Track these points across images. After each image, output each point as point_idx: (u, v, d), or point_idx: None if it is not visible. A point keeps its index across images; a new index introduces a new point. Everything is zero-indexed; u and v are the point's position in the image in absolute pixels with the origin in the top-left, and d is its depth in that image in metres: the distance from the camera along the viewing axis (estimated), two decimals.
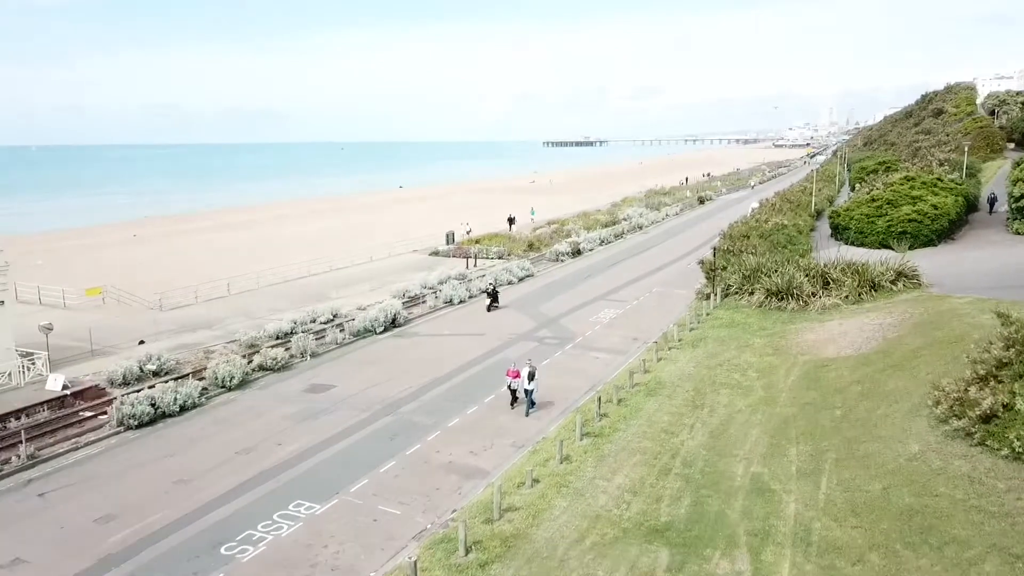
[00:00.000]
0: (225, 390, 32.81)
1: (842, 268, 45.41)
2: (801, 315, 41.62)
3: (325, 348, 39.43)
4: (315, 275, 59.51)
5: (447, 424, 28.58)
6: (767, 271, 46.59)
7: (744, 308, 44.34)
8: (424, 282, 53.33)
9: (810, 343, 35.91)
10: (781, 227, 60.30)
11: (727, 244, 53.87)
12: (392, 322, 43.38)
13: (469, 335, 41.57)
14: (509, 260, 65.49)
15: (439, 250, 69.67)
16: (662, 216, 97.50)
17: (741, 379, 31.66)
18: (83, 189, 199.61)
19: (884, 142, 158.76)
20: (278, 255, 70.27)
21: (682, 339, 38.70)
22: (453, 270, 59.98)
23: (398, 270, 61.18)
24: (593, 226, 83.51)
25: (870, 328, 36.16)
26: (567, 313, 46.26)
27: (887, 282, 43.41)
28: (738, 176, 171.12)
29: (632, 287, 53.93)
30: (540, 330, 42.42)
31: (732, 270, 48.57)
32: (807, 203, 78.28)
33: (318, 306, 45.12)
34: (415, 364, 36.39)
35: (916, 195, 59.95)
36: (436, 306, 48.63)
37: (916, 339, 32.17)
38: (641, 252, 70.88)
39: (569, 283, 56.01)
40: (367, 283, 55.91)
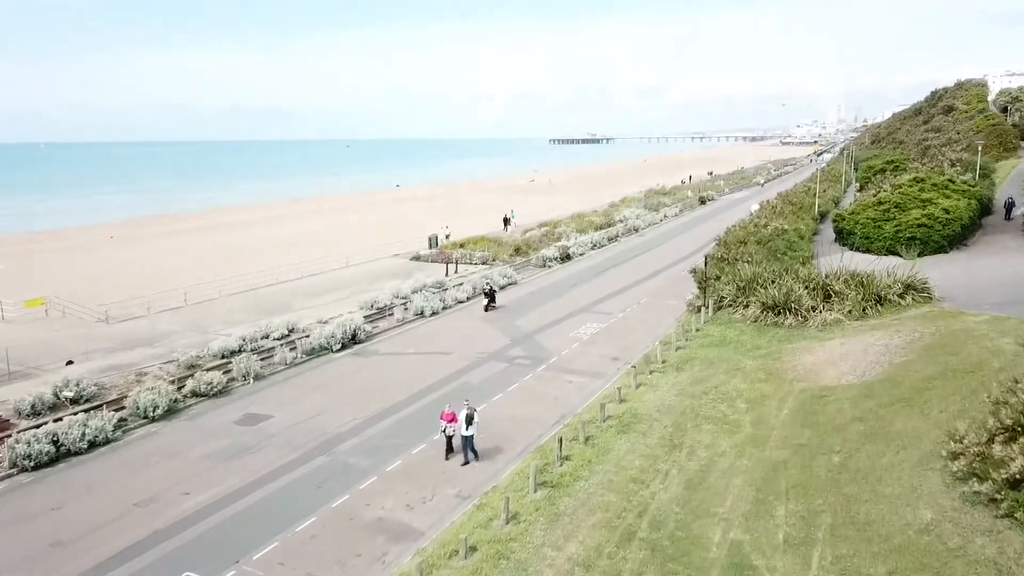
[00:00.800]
0: (148, 421, 29.19)
1: (845, 279, 41.59)
2: (800, 332, 37.82)
3: (273, 369, 35.77)
4: (285, 282, 55.95)
5: (386, 467, 24.88)
6: (764, 282, 42.80)
7: (738, 323, 40.55)
8: (396, 291, 49.68)
9: (808, 367, 32.10)
10: (781, 232, 56.42)
11: (721, 251, 50.04)
12: (352, 338, 39.72)
13: (433, 354, 37.87)
14: (494, 266, 61.83)
15: (421, 255, 66.02)
16: (660, 217, 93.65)
17: (728, 412, 27.87)
18: (77, 188, 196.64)
19: (892, 140, 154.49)
20: (253, 260, 67.01)
21: (666, 360, 34.92)
22: (431, 277, 56.25)
23: (374, 277, 57.52)
24: (587, 228, 79.77)
25: (875, 350, 32.32)
26: (545, 328, 42.51)
27: (894, 296, 39.56)
28: (742, 175, 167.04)
29: (620, 297, 50.15)
30: (513, 348, 38.68)
31: (726, 280, 44.79)
32: (810, 205, 74.35)
33: (274, 320, 41.47)
34: (367, 390, 32.69)
35: (926, 198, 56.01)
36: (405, 319, 44.94)
37: (927, 366, 28.33)
38: (634, 257, 67.07)
39: (553, 292, 52.25)
40: (337, 292, 52.27)
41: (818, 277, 42.01)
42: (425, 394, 31.97)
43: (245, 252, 73.28)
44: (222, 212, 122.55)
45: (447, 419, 24.47)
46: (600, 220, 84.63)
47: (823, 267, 48.18)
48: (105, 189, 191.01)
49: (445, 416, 24.61)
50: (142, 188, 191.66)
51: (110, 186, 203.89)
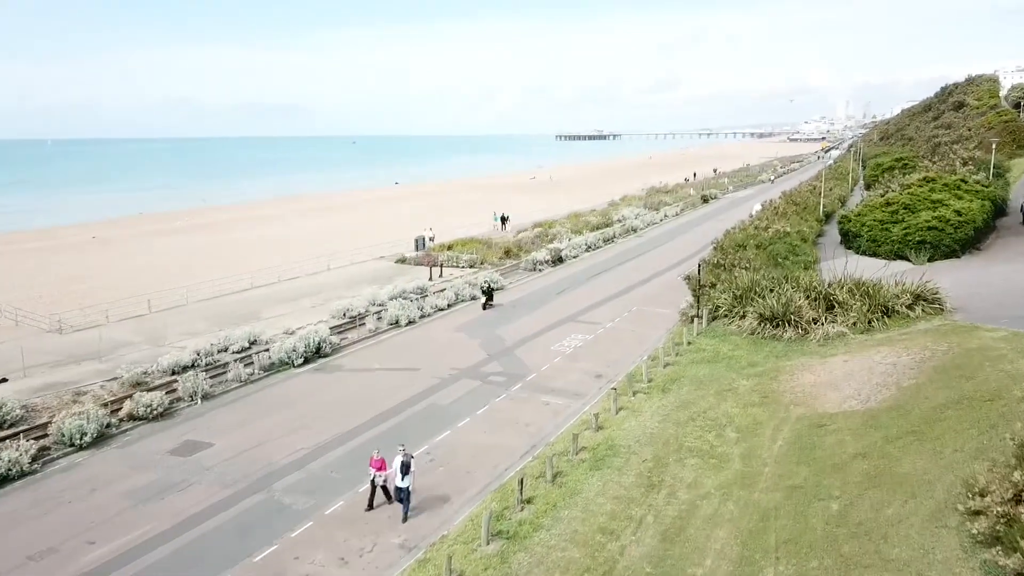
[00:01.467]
0: (74, 450, 26.39)
1: (850, 288, 38.58)
2: (799, 346, 34.86)
3: (226, 387, 32.93)
4: (259, 287, 53.10)
5: (326, 509, 22.01)
6: (762, 291, 39.85)
7: (733, 336, 37.59)
8: (373, 298, 46.85)
9: (807, 388, 29.12)
10: (782, 235, 53.36)
11: (718, 257, 47.00)
12: (317, 351, 36.85)
13: (402, 370, 34.98)
14: (482, 269, 58.92)
15: (406, 257, 63.14)
16: (660, 217, 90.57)
17: (715, 443, 24.92)
18: (71, 185, 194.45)
19: (901, 137, 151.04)
20: (235, 262, 64.33)
21: (652, 379, 31.99)
22: (414, 281, 53.41)
23: (354, 281, 54.66)
24: (583, 229, 76.79)
25: (881, 370, 29.32)
26: (527, 339, 39.60)
27: (902, 307, 36.52)
28: (747, 172, 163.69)
29: (610, 305, 47.20)
30: (489, 363, 35.77)
31: (722, 288, 41.82)
32: (815, 205, 71.15)
33: (235, 331, 38.65)
34: (323, 412, 29.83)
35: (937, 199, 52.92)
36: (378, 329, 42.07)
37: (939, 391, 25.34)
38: (630, 260, 64.08)
39: (539, 299, 49.32)
40: (312, 298, 49.43)
41: (820, 285, 39.02)
42: (385, 419, 29.08)
43: (228, 254, 70.55)
44: (214, 211, 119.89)
45: (376, 466, 21.45)
46: (597, 220, 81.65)
47: (827, 273, 45.21)
48: (100, 186, 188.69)
49: (373, 462, 21.58)
50: (139, 185, 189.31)
51: (106, 183, 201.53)
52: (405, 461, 20.60)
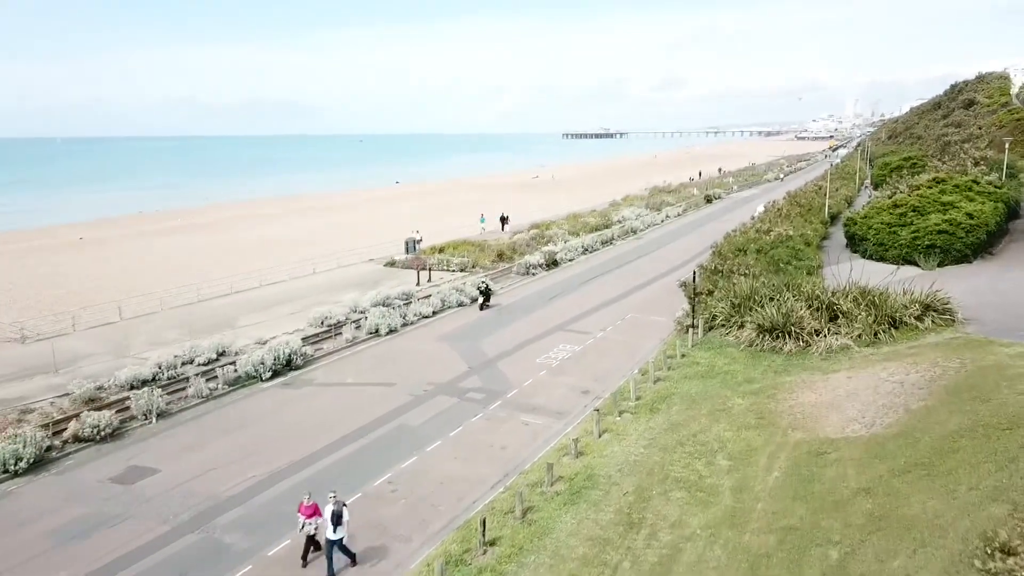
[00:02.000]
0: (8, 476, 24.28)
1: (855, 297, 36.31)
2: (800, 360, 32.58)
3: (186, 404, 30.80)
4: (240, 292, 51.02)
5: (268, 550, 19.87)
6: (761, 299, 37.56)
7: (730, 347, 35.32)
8: (354, 304, 44.71)
9: (807, 409, 26.83)
10: (785, 239, 50.98)
11: (716, 262, 44.65)
12: (287, 364, 34.69)
13: (376, 385, 32.79)
14: (473, 272, 56.76)
15: (396, 260, 60.95)
16: (661, 218, 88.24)
17: (705, 473, 22.67)
18: (71, 184, 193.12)
19: (910, 135, 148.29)
20: (222, 264, 62.65)
21: (641, 397, 29.75)
22: (401, 286, 51.33)
23: (339, 286, 52.52)
24: (581, 230, 74.59)
25: (888, 388, 27.03)
26: (512, 351, 37.37)
27: (911, 317, 34.20)
28: (753, 171, 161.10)
29: (603, 312, 44.95)
30: (469, 377, 33.55)
31: (720, 296, 39.56)
32: (820, 206, 68.67)
33: (203, 342, 36.57)
34: (284, 434, 27.67)
35: (947, 201, 50.50)
36: (356, 339, 39.90)
37: (951, 416, 23.05)
38: (627, 263, 61.79)
39: (530, 305, 47.08)
40: (293, 304, 47.31)
41: (823, 294, 36.69)
42: (350, 441, 26.89)
43: (216, 256, 68.56)
44: (213, 210, 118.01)
45: (307, 513, 19.13)
46: (596, 221, 79.34)
47: (831, 278, 42.92)
48: (103, 185, 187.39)
49: (304, 509, 19.24)
50: (142, 184, 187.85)
51: (110, 181, 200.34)
52: (336, 510, 18.23)
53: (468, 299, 47.57)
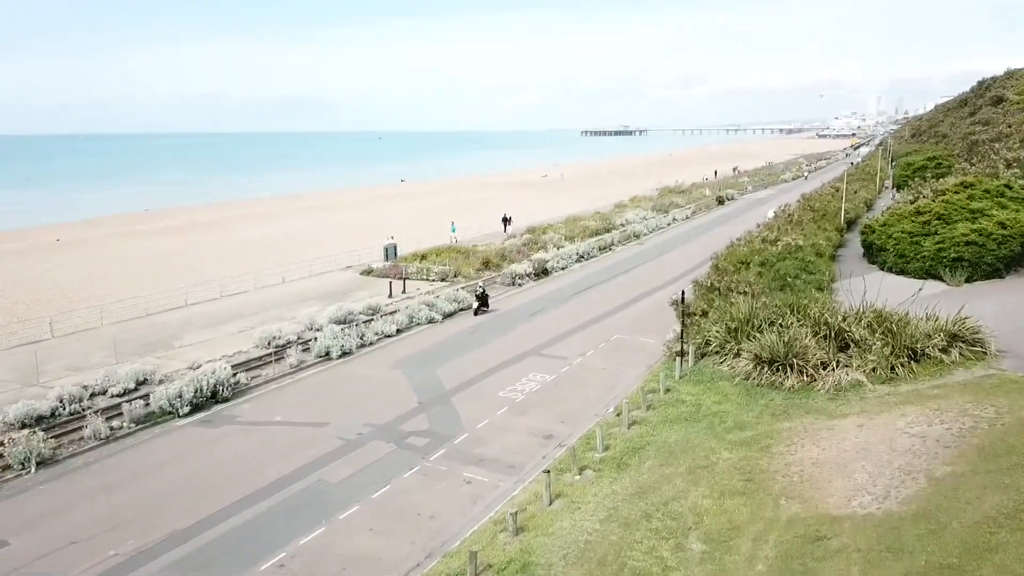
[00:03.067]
0: None
1: (869, 322, 31.32)
2: (803, 399, 27.71)
3: (80, 447, 26.41)
4: (195, 304, 46.75)
5: None
6: (761, 322, 32.67)
7: (723, 380, 30.47)
8: (311, 321, 40.29)
9: (807, 469, 21.99)
10: (793, 250, 45.94)
11: (713, 279, 39.68)
12: (212, 396, 30.18)
13: (306, 425, 28.22)
14: (455, 282, 52.19)
15: (373, 268, 56.45)
16: (668, 221, 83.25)
17: (671, 561, 17.94)
18: (88, 180, 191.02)
19: (934, 134, 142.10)
20: (193, 269, 58.92)
21: (611, 446, 25.02)
22: (372, 298, 46.97)
23: (304, 297, 48.13)
24: (580, 235, 69.83)
25: (906, 444, 22.18)
26: (474, 381, 32.74)
27: (935, 349, 29.17)
28: (770, 171, 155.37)
29: (587, 332, 40.23)
30: (415, 416, 28.92)
31: (715, 318, 34.66)
32: (836, 211, 63.38)
33: (123, 367, 32.18)
34: (174, 492, 23.20)
35: (976, 208, 45.30)
36: (303, 363, 35.40)
37: (986, 492, 18.26)
38: (624, 272, 56.99)
39: (507, 323, 42.43)
40: (249, 319, 42.94)
41: (833, 318, 31.68)
42: (250, 503, 22.34)
43: (192, 261, 64.59)
44: (211, 208, 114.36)
45: None
46: (596, 224, 74.47)
47: (844, 294, 37.94)
48: (112, 182, 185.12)
49: None
50: (154, 180, 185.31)
51: (121, 178, 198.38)
52: None
53: (440, 315, 43.01)
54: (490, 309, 45.10)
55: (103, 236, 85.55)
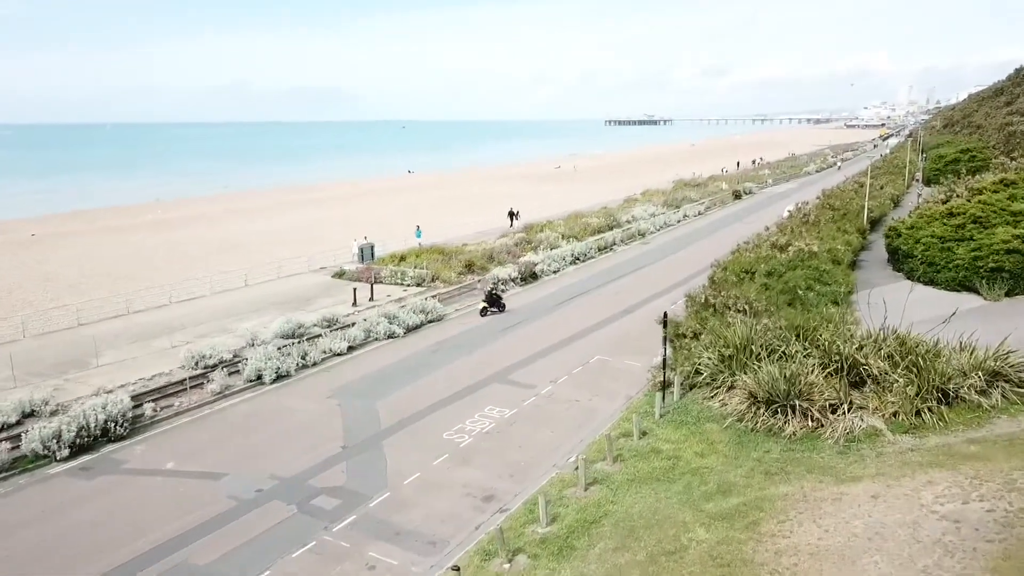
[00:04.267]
0: None
1: (889, 353, 25.89)
2: (806, 452, 22.49)
3: None
4: (138, 312, 42.30)
5: None
6: (762, 349, 27.39)
7: (711, 422, 25.26)
8: (254, 335, 35.61)
9: (802, 562, 16.90)
10: (806, 257, 40.40)
11: (708, 293, 34.26)
12: (103, 433, 25.40)
13: (199, 476, 23.38)
14: (432, 288, 47.29)
15: (345, 270, 51.55)
16: (678, 218, 77.71)
17: None
18: (105, 170, 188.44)
19: (968, 124, 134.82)
20: (158, 270, 54.78)
21: (559, 517, 19.92)
22: (335, 306, 42.38)
23: (262, 304, 43.52)
24: (580, 233, 64.57)
25: (935, 531, 17.04)
26: (416, 416, 27.74)
27: (971, 389, 23.75)
28: (793, 163, 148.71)
29: (564, 352, 35.12)
30: (334, 465, 23.97)
31: (708, 341, 29.39)
32: (858, 210, 57.55)
33: (14, 395, 27.65)
34: (5, 571, 18.39)
35: (1018, 210, 39.63)
36: (228, 389, 30.61)
37: None
38: (622, 276, 51.76)
39: (475, 339, 37.41)
40: (185, 332, 38.30)
41: (846, 346, 26.30)
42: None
43: (160, 261, 60.42)
44: (200, 203, 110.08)
45: None
46: (599, 222, 69.12)
47: (864, 308, 32.56)
48: (128, 172, 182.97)
49: None
50: (169, 171, 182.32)
51: (139, 168, 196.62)
52: None
53: (402, 328, 38.05)
54: (506, 310, 42.44)
55: (85, 231, 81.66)
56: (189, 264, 57.59)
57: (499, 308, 42.09)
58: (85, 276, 53.98)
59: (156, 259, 60.53)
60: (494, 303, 42.03)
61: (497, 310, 41.98)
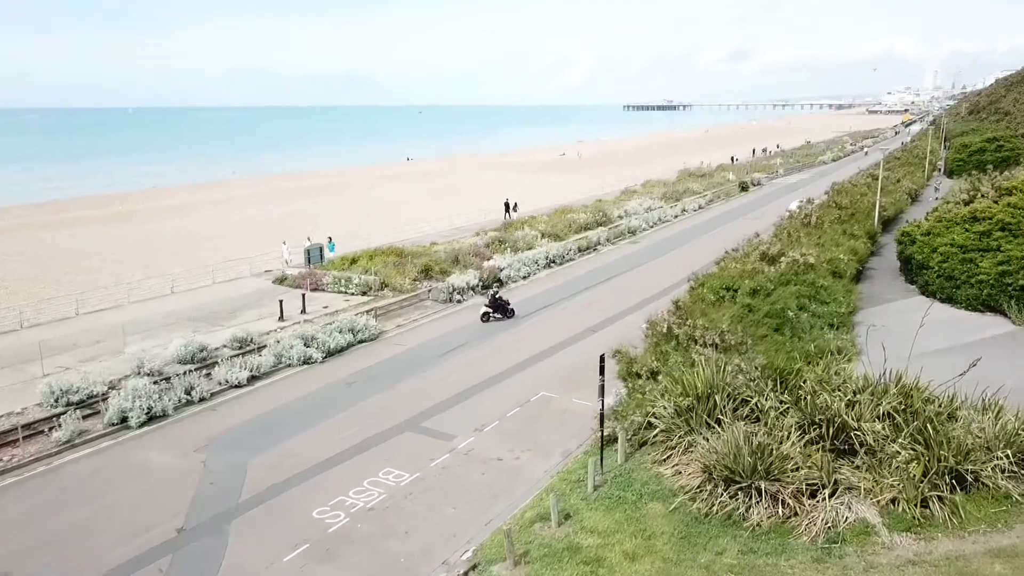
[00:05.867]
0: None
1: (889, 412, 20.00)
2: (772, 555, 16.85)
3: None
4: (31, 327, 37.12)
5: None
6: (729, 399, 21.61)
7: (656, 501, 19.54)
8: (140, 361, 30.15)
9: None
10: (802, 269, 34.33)
11: (673, 320, 28.19)
12: None
13: None
14: (380, 297, 41.72)
15: (288, 275, 46.04)
16: (675, 213, 71.60)
17: None
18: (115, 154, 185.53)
19: (995, 111, 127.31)
20: (91, 273, 49.77)
21: None
22: (260, 321, 37.04)
23: (180, 317, 38.10)
24: (564, 231, 58.78)
25: None
26: (292, 481, 22.13)
27: (996, 471, 17.89)
28: (808, 151, 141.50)
29: (503, 386, 29.42)
30: (151, 562, 18.50)
31: (665, 386, 23.57)
32: (869, 208, 51.14)
33: None
34: None
35: None
36: (83, 435, 25.06)
37: None
38: (599, 283, 45.99)
39: (401, 369, 31.72)
40: (76, 352, 32.99)
41: (835, 400, 20.38)
42: None
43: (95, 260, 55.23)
44: (173, 192, 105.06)
45: None
46: (587, 218, 63.21)
47: (868, 334, 26.48)
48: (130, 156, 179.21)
49: None
50: (179, 156, 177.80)
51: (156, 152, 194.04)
52: None
53: (321, 352, 32.45)
54: (514, 316, 38.41)
55: (39, 223, 76.59)
56: (128, 265, 52.45)
57: (505, 314, 37.78)
58: (10, 281, 48.88)
59: (94, 259, 55.33)
60: (498, 308, 37.71)
61: (501, 316, 37.79)
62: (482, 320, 37.80)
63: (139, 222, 75.31)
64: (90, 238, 64.83)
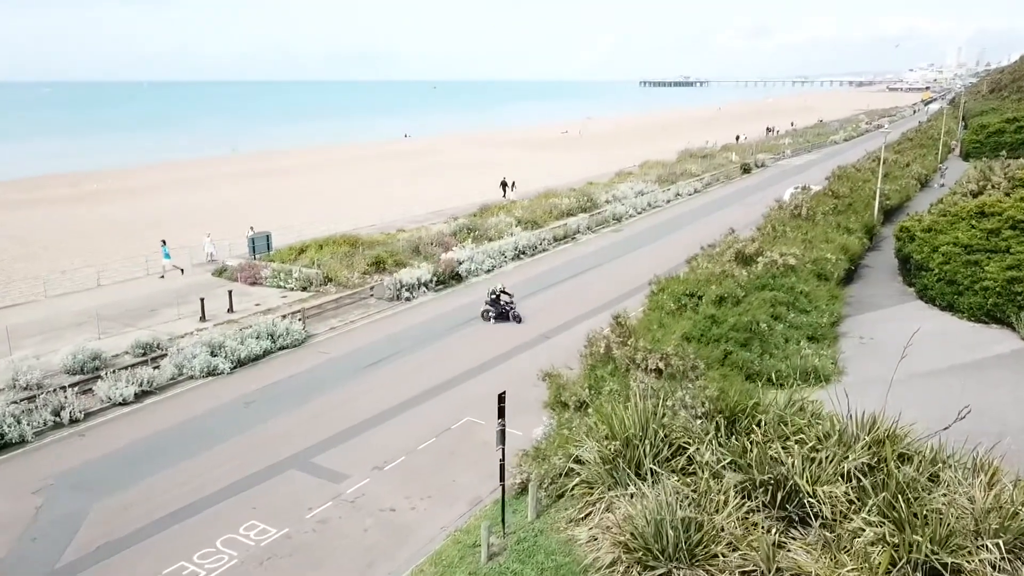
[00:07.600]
0: None
1: (857, 470, 15.93)
2: None
3: None
4: None
5: None
6: (664, 444, 17.65)
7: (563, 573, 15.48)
8: (17, 372, 26.35)
9: None
10: (781, 272, 29.99)
11: (612, 340, 23.94)
12: None
13: None
14: (321, 293, 37.81)
15: (228, 267, 42.18)
16: (668, 197, 67.12)
17: None
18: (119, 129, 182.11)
19: (1017, 89, 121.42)
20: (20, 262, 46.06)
21: None
22: (178, 320, 33.30)
23: (90, 316, 34.19)
24: (544, 217, 54.57)
25: None
26: (128, 540, 18.37)
27: (985, 565, 13.68)
28: (820, 130, 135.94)
29: (426, 406, 25.50)
30: None
31: (593, 422, 19.52)
32: (869, 197, 46.49)
33: None
34: None
35: None
36: None
37: None
38: (569, 278, 42.02)
39: (314, 384, 27.80)
40: None
41: (791, 455, 16.32)
42: None
43: (36, 246, 51.61)
44: (156, 169, 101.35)
45: None
46: (570, 202, 58.89)
47: (853, 347, 22.20)
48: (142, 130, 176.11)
49: None
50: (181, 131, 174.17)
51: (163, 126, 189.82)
52: None
53: (229, 361, 28.60)
54: (520, 322, 33.75)
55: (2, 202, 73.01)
56: (69, 252, 48.80)
57: (511, 318, 33.58)
58: None
59: (35, 245, 51.77)
60: (497, 308, 33.63)
61: (497, 316, 33.68)
62: (483, 318, 33.98)
63: (106, 203, 71.70)
64: (42, 221, 61.21)
